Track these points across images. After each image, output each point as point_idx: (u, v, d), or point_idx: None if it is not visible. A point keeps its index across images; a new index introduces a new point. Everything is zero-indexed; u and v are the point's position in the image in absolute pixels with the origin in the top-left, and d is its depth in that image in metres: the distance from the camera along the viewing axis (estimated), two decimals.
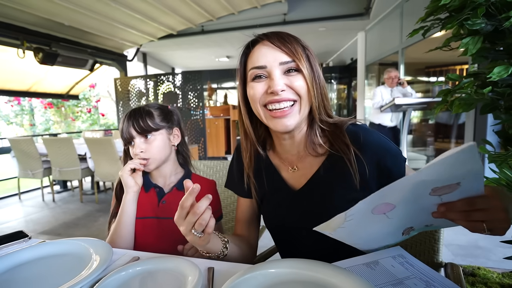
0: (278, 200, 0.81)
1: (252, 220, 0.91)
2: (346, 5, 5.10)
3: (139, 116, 0.95)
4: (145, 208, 0.98)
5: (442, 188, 0.50)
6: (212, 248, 0.69)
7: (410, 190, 0.51)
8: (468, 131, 2.99)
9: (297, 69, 0.68)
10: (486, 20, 0.83)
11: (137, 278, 0.63)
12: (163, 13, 4.36)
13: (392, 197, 0.53)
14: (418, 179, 0.49)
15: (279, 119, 0.68)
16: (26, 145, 3.80)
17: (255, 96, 0.69)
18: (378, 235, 0.64)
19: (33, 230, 2.98)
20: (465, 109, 0.93)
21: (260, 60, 0.68)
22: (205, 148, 4.80)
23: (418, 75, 5.44)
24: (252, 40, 0.73)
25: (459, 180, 0.49)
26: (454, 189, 0.50)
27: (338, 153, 0.71)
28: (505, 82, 0.86)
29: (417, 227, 0.63)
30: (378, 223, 0.59)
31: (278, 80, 0.66)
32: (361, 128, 0.73)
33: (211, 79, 9.20)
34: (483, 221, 0.50)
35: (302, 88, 0.68)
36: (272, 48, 0.68)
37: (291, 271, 0.59)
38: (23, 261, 0.71)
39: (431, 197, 0.53)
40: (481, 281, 1.73)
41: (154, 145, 0.95)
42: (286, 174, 0.80)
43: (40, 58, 3.96)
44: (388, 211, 0.56)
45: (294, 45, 0.68)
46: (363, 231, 0.61)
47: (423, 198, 0.53)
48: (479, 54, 0.91)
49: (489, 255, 2.10)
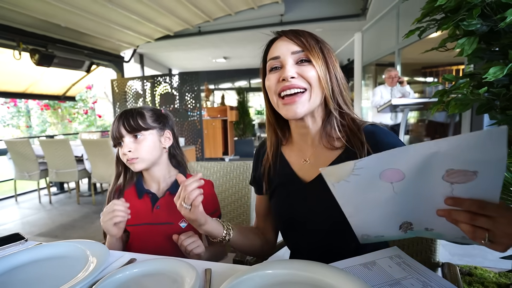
0: (288, 192, 0.82)
1: (267, 215, 0.94)
2: (342, 6, 5.11)
3: (130, 115, 0.94)
4: (139, 214, 0.97)
5: (457, 172, 0.47)
6: (212, 232, 0.76)
7: (424, 161, 0.48)
8: (464, 131, 3.01)
9: (308, 59, 0.71)
10: (481, 21, 0.84)
11: (134, 280, 0.62)
12: (159, 14, 4.35)
13: (404, 164, 0.50)
14: (434, 149, 0.46)
15: (289, 105, 0.71)
16: (22, 147, 3.78)
17: (270, 86, 0.74)
18: (377, 215, 0.61)
19: (29, 232, 2.96)
20: (461, 109, 0.93)
21: (275, 52, 0.74)
22: (202, 149, 4.80)
23: (415, 76, 5.47)
24: (273, 38, 0.78)
25: (477, 169, 0.45)
26: (469, 179, 0.47)
27: (353, 149, 0.73)
28: (500, 83, 0.86)
29: (416, 227, 0.60)
30: (382, 194, 0.55)
31: (288, 67, 0.70)
32: (378, 129, 0.75)
33: (208, 80, 9.20)
34: (487, 230, 0.47)
35: (313, 77, 0.70)
36: (286, 41, 0.73)
37: (288, 272, 0.59)
38: (19, 264, 0.71)
39: (443, 183, 0.49)
40: (478, 280, 1.74)
41: (143, 145, 0.94)
42: (298, 166, 0.82)
43: (36, 59, 3.94)
44: (396, 180, 0.53)
45: (307, 38, 0.73)
46: (365, 196, 0.57)
47: (434, 179, 0.50)
48: (475, 55, 0.91)
49: (486, 254, 2.11)
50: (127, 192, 1.01)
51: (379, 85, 4.23)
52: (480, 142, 0.42)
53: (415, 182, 0.52)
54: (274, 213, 0.89)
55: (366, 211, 0.60)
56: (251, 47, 7.00)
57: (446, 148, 0.45)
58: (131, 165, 0.95)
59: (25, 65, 4.15)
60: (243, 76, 11.01)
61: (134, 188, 1.01)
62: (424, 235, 0.62)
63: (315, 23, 5.26)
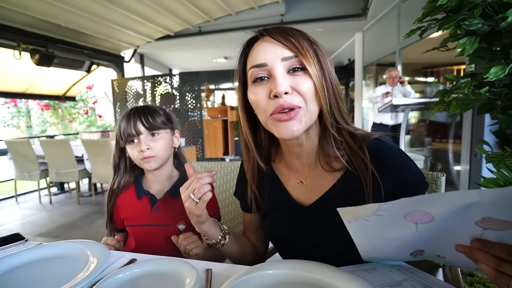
0: (283, 215, 0.73)
1: (256, 229, 0.87)
2: (343, 5, 5.11)
3: (148, 112, 0.94)
4: (138, 215, 0.97)
5: (495, 221, 0.43)
6: (209, 232, 0.72)
7: (459, 208, 0.43)
8: (466, 131, 3.01)
9: (302, 67, 0.59)
10: (482, 21, 0.84)
11: (134, 280, 0.62)
12: (160, 14, 4.35)
13: (437, 208, 0.45)
14: (476, 199, 0.41)
15: (284, 122, 0.59)
16: (22, 147, 3.78)
17: (258, 102, 0.61)
18: (391, 248, 0.57)
19: (30, 233, 2.96)
20: (462, 109, 0.93)
21: (259, 57, 0.60)
22: (202, 149, 4.80)
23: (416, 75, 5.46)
24: (251, 37, 0.64)
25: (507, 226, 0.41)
26: (507, 228, 0.42)
27: (355, 171, 0.63)
28: (502, 82, 0.86)
29: (428, 253, 0.57)
30: (402, 232, 0.51)
31: (280, 80, 0.57)
32: (383, 145, 0.64)
33: (208, 80, 9.19)
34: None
35: (310, 90, 0.59)
36: (273, 44, 0.59)
37: (289, 272, 0.59)
38: (20, 264, 0.71)
39: (474, 227, 0.45)
40: (479, 281, 1.74)
41: (160, 144, 0.94)
42: (293, 188, 0.73)
43: (36, 59, 3.94)
44: (422, 222, 0.48)
45: (299, 39, 0.60)
46: (383, 234, 0.53)
47: (466, 223, 0.45)
48: (476, 55, 0.91)
49: None
50: (126, 193, 1.01)
51: (380, 85, 4.24)
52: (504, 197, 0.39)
53: (443, 224, 0.47)
54: (268, 233, 0.81)
55: (380, 244, 0.57)
56: None
57: (490, 199, 0.40)
58: (146, 163, 0.93)
59: (25, 65, 4.16)
60: None
61: (134, 188, 1.01)
62: (434, 259, 0.59)
63: (315, 23, 5.26)
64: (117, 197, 1.00)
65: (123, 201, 1.00)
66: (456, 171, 3.37)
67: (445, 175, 0.96)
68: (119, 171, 1.02)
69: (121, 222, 1.01)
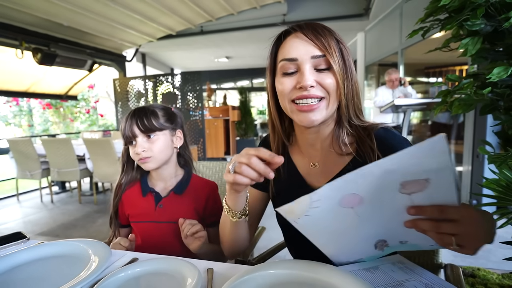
0: (295, 196, 0.77)
1: (256, 214, 0.90)
2: (345, 5, 5.10)
3: (144, 114, 0.94)
4: (142, 212, 0.98)
5: (411, 183, 0.48)
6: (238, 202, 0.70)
7: (376, 181, 0.49)
8: (468, 132, 3.00)
9: (328, 65, 0.66)
10: (485, 21, 0.83)
11: (136, 279, 0.62)
12: (162, 14, 4.35)
13: (359, 187, 0.50)
14: (384, 167, 0.47)
15: (305, 113, 0.66)
16: (24, 146, 3.79)
17: (283, 91, 0.68)
18: (347, 241, 0.61)
19: (31, 231, 2.97)
20: (464, 109, 0.93)
21: (291, 52, 0.67)
22: (204, 149, 4.80)
23: (418, 76, 5.45)
24: (285, 30, 0.70)
25: (428, 176, 0.47)
26: (423, 186, 0.48)
27: (363, 156, 0.70)
28: (504, 83, 0.86)
29: (391, 243, 0.61)
30: (346, 220, 0.56)
31: (308, 75, 0.64)
32: (390, 133, 0.71)
33: (210, 80, 9.20)
34: (453, 235, 0.47)
35: (332, 85, 0.66)
36: (304, 41, 0.66)
37: (290, 272, 0.59)
38: (21, 263, 0.71)
39: (402, 196, 0.50)
40: (481, 282, 1.73)
41: (156, 145, 0.94)
42: (306, 170, 0.79)
43: (38, 58, 3.95)
44: (356, 204, 0.53)
45: (328, 39, 0.66)
46: (330, 226, 0.58)
47: (392, 195, 0.51)
48: (479, 55, 0.91)
49: (489, 256, 2.10)
50: (132, 189, 1.02)
51: (381, 86, 4.22)
52: (423, 152, 0.44)
53: (375, 202, 0.53)
54: (278, 217, 0.83)
55: (335, 239, 0.61)
56: (254, 46, 6.99)
57: (393, 164, 0.46)
58: (143, 164, 0.95)
59: (27, 64, 4.17)
60: (245, 76, 11.00)
61: (139, 185, 1.02)
62: (401, 248, 0.62)
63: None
64: (123, 193, 1.01)
65: (128, 197, 1.01)
66: (459, 172, 3.36)
67: None
68: (126, 168, 1.03)
69: (125, 218, 1.02)
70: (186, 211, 0.97)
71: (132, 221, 1.00)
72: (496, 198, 0.86)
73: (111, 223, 1.02)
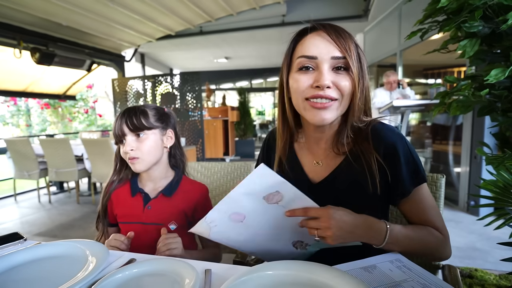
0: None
1: None
2: (344, 7, 5.12)
3: (133, 114, 0.94)
4: (130, 212, 0.97)
5: (270, 196, 0.61)
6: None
7: (247, 199, 0.61)
8: (466, 133, 3.01)
9: (346, 67, 0.66)
10: (483, 23, 0.84)
11: (133, 280, 0.62)
12: (161, 14, 4.35)
13: (236, 207, 0.63)
14: (240, 191, 0.59)
15: (318, 110, 0.67)
16: (22, 145, 3.78)
17: (299, 88, 0.68)
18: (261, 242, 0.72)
19: (28, 232, 2.96)
20: (462, 111, 0.93)
21: (312, 49, 0.66)
22: (203, 149, 4.80)
23: (416, 77, 5.46)
24: (307, 27, 0.70)
25: (276, 189, 0.60)
26: (280, 196, 0.61)
27: (356, 154, 0.72)
28: (502, 85, 0.86)
29: (310, 242, 0.71)
30: (244, 230, 0.68)
31: (326, 75, 0.65)
32: (385, 127, 0.72)
33: (209, 80, 9.20)
34: (316, 229, 0.61)
35: (347, 88, 0.66)
36: (326, 40, 0.66)
37: (289, 273, 0.59)
38: (18, 263, 0.70)
39: (273, 206, 0.63)
40: (479, 283, 1.74)
41: (145, 144, 0.94)
42: (309, 167, 0.80)
43: (37, 58, 3.94)
44: (242, 219, 0.65)
45: (348, 42, 0.67)
46: (236, 236, 0.69)
47: (266, 207, 0.63)
48: (477, 57, 0.91)
49: (486, 257, 2.11)
50: (121, 189, 1.01)
51: (379, 87, 4.23)
52: (257, 178, 0.58)
53: (258, 214, 0.65)
54: None
55: (249, 245, 0.73)
56: (253, 47, 7.00)
57: (245, 189, 0.59)
58: (132, 165, 0.95)
59: (25, 64, 4.16)
60: (244, 77, 11.01)
61: (129, 185, 1.01)
62: (322, 246, 0.73)
63: None
64: (113, 191, 1.01)
65: (117, 196, 1.00)
66: (456, 173, 3.37)
67: (445, 177, 0.96)
68: (118, 167, 1.03)
69: (113, 217, 1.01)
70: (174, 214, 0.97)
71: (119, 221, 0.99)
72: (494, 199, 0.86)
73: (98, 222, 1.01)
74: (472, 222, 2.70)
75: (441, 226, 0.72)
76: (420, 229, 0.71)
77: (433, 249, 0.71)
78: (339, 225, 0.61)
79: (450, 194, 3.28)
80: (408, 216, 0.75)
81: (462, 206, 3.07)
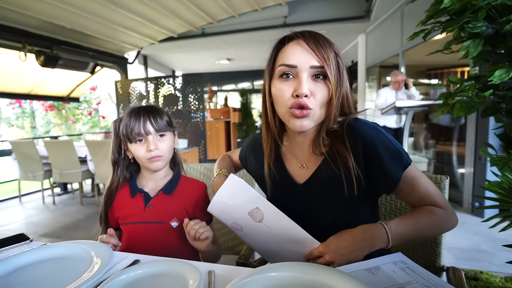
0: (282, 193, 0.83)
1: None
2: (346, 7, 5.11)
3: (156, 113, 0.96)
4: (131, 213, 0.97)
5: (252, 212, 0.67)
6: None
7: (236, 213, 0.69)
8: (470, 134, 2.99)
9: (324, 75, 0.69)
10: (487, 23, 0.83)
11: (138, 281, 0.62)
12: (163, 16, 4.37)
13: (232, 219, 0.72)
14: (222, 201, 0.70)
15: (298, 119, 0.69)
16: (27, 147, 3.81)
17: (280, 96, 0.71)
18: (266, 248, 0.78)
19: (33, 233, 2.98)
20: (466, 112, 0.92)
21: (291, 59, 0.69)
22: (205, 151, 4.80)
23: (419, 78, 5.44)
24: (287, 35, 0.72)
25: (256, 206, 0.65)
26: (261, 214, 0.67)
27: (334, 153, 0.74)
28: (506, 85, 0.86)
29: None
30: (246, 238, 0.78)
31: (304, 84, 0.67)
32: (358, 122, 0.74)
33: (211, 82, 9.22)
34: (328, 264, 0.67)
35: (324, 97, 0.69)
36: (305, 50, 0.68)
37: (292, 275, 0.59)
38: (24, 264, 0.71)
39: (259, 225, 0.69)
40: (484, 285, 1.72)
41: (166, 144, 0.97)
42: (294, 170, 0.83)
43: (41, 61, 3.97)
44: (241, 228, 0.73)
45: (328, 51, 0.69)
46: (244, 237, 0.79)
47: (254, 224, 0.69)
48: (480, 57, 0.91)
49: (491, 259, 2.09)
50: (120, 191, 1.01)
51: (384, 87, 4.22)
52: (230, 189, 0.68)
53: (250, 228, 0.73)
54: None
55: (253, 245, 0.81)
56: (255, 48, 7.00)
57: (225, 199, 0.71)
58: (153, 163, 0.95)
59: (30, 67, 4.19)
60: (246, 78, 11.02)
61: (128, 186, 1.01)
62: None
63: (318, 25, 5.26)
64: (114, 195, 1.00)
65: (117, 199, 1.00)
66: (461, 174, 3.35)
67: (448, 178, 0.95)
68: (118, 168, 1.02)
69: (115, 221, 1.01)
70: (175, 211, 0.97)
71: (121, 223, 0.99)
72: (498, 201, 0.86)
73: (101, 223, 1.02)
74: (476, 224, 2.68)
75: (440, 200, 0.74)
76: (419, 213, 0.73)
77: (439, 227, 0.75)
78: (341, 253, 0.66)
79: (454, 196, 3.26)
80: (407, 200, 0.77)
81: (467, 207, 3.05)
